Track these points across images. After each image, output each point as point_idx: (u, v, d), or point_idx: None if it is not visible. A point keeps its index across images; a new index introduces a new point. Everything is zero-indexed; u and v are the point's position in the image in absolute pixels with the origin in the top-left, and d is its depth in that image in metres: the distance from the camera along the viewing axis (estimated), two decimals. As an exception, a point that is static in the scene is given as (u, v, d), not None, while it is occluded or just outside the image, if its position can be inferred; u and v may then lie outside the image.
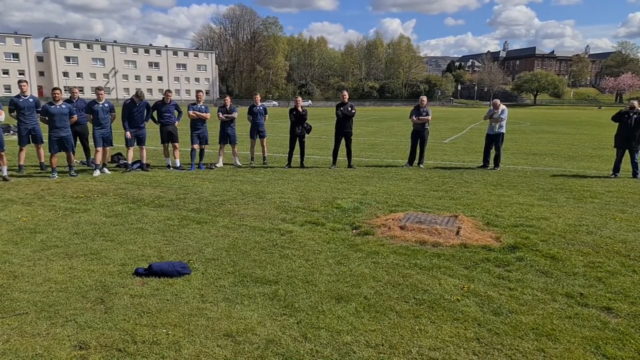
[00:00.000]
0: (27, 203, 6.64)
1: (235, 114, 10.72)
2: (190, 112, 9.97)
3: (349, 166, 10.54)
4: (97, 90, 9.26)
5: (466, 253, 4.61)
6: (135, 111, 9.54)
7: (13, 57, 79.31)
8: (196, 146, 10.14)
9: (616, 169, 9.58)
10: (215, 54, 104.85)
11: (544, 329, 3.11)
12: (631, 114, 9.33)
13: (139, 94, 9.58)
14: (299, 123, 10.40)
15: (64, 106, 8.80)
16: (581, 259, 4.46)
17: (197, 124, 10.05)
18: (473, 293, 3.68)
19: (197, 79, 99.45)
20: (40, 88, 77.09)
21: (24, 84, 9.20)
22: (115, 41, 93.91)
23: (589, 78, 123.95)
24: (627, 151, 9.49)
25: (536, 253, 4.62)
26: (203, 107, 10.16)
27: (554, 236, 5.21)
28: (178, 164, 10.14)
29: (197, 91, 10.44)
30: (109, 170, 9.61)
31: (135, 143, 9.70)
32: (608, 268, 4.23)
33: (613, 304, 3.48)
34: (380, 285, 3.83)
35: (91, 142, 9.70)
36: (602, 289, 3.78)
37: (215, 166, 10.48)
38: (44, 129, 9.19)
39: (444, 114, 51.24)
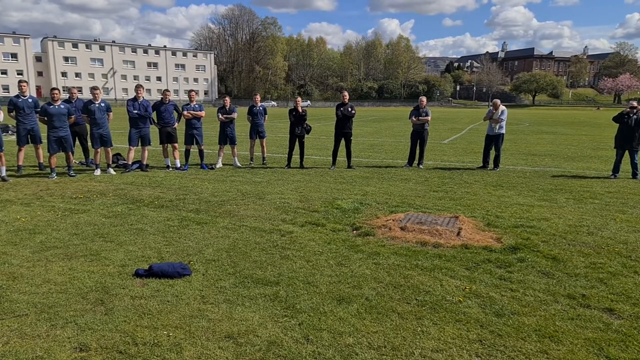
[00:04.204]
0: (26, 203, 6.61)
1: (234, 115, 10.71)
2: (185, 113, 9.99)
3: (349, 167, 10.53)
4: (92, 90, 9.19)
5: (467, 254, 4.60)
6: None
7: (11, 57, 79.11)
8: (190, 146, 10.16)
9: (616, 169, 9.59)
10: (214, 54, 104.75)
11: (547, 330, 3.10)
12: (631, 115, 9.34)
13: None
14: (298, 123, 10.38)
15: (62, 106, 8.78)
16: (582, 260, 4.46)
17: (193, 123, 10.05)
18: (475, 294, 3.67)
19: (195, 80, 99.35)
20: (38, 88, 76.94)
21: (24, 84, 9.16)
22: (113, 41, 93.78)
23: (587, 79, 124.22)
24: (626, 152, 9.50)
25: (537, 254, 4.61)
26: (197, 106, 10.21)
27: (554, 237, 5.20)
28: (178, 165, 10.12)
29: (190, 91, 10.41)
30: (114, 170, 9.59)
31: (140, 143, 9.68)
32: (609, 269, 4.22)
33: (615, 305, 3.47)
34: (382, 287, 3.81)
35: (90, 142, 9.67)
36: (604, 290, 3.77)
37: (215, 167, 10.46)
38: (42, 129, 9.16)
39: (443, 114, 51.30)
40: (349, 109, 10.26)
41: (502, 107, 10.49)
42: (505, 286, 3.83)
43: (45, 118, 8.66)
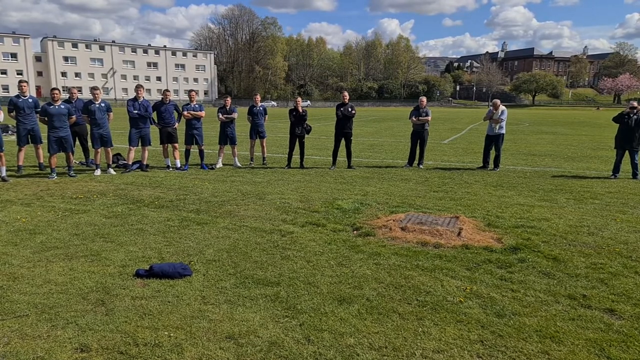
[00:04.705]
0: (26, 204, 6.61)
1: (235, 115, 10.70)
2: (185, 113, 9.99)
3: (349, 167, 10.53)
4: (92, 90, 9.19)
5: (468, 254, 4.60)
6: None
7: (11, 57, 79.09)
8: (190, 147, 10.15)
9: (616, 169, 9.59)
10: (214, 54, 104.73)
11: (548, 330, 3.10)
12: (631, 115, 9.34)
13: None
14: (298, 123, 10.38)
15: (62, 106, 8.77)
16: (583, 260, 4.46)
17: (193, 123, 10.06)
18: (476, 295, 3.67)
19: (195, 80, 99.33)
20: (38, 88, 76.90)
21: (24, 84, 9.15)
22: (113, 41, 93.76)
23: (587, 79, 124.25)
24: (626, 152, 9.51)
25: (538, 254, 4.61)
26: (197, 106, 10.20)
27: (555, 237, 5.20)
28: (178, 165, 10.11)
29: (190, 91, 10.41)
30: (114, 170, 9.58)
31: (140, 143, 9.68)
32: (610, 269, 4.22)
33: (616, 306, 3.47)
34: (383, 287, 3.81)
35: (90, 142, 9.67)
36: (605, 290, 3.77)
37: (215, 167, 10.46)
38: (42, 130, 9.15)
39: (443, 114, 51.30)
40: (349, 109, 10.26)
41: (502, 107, 10.49)
42: (506, 286, 3.83)
43: (46, 118, 8.66)
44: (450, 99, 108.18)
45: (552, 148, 15.75)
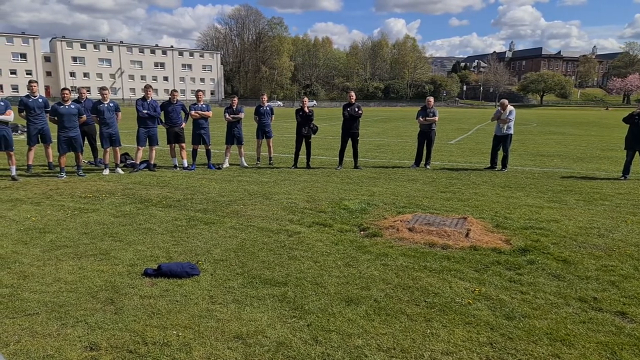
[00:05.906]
0: (36, 203, 6.67)
1: (241, 115, 10.72)
2: (193, 112, 10.02)
3: (356, 167, 10.51)
4: (101, 90, 9.28)
5: (476, 255, 4.56)
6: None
7: (21, 57, 79.96)
8: (197, 146, 10.19)
9: (626, 170, 9.48)
10: (221, 54, 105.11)
11: (558, 333, 3.07)
12: (642, 115, 9.23)
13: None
14: (305, 123, 10.38)
15: (72, 106, 8.84)
16: (593, 263, 4.41)
17: (200, 123, 10.09)
18: (484, 296, 3.64)
19: (202, 79, 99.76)
20: (47, 88, 77.62)
21: (34, 84, 9.25)
22: (121, 41, 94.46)
23: (595, 79, 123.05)
24: (637, 153, 9.40)
25: (547, 256, 4.57)
26: (204, 105, 10.23)
27: (565, 239, 5.15)
28: (185, 164, 10.16)
29: (197, 91, 10.49)
30: (122, 170, 9.65)
31: (147, 143, 9.73)
32: (621, 272, 4.17)
33: (628, 309, 3.43)
34: (390, 288, 3.80)
35: (99, 142, 9.75)
36: (616, 293, 3.72)
37: (222, 167, 10.49)
38: (52, 129, 9.23)
39: (450, 114, 51.05)
40: (356, 109, 10.24)
41: (510, 107, 10.41)
42: (515, 288, 3.80)
43: (56, 118, 8.74)
44: (457, 99, 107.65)
45: (560, 148, 15.61)
